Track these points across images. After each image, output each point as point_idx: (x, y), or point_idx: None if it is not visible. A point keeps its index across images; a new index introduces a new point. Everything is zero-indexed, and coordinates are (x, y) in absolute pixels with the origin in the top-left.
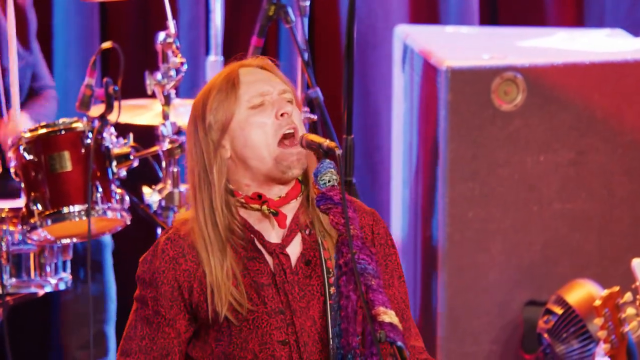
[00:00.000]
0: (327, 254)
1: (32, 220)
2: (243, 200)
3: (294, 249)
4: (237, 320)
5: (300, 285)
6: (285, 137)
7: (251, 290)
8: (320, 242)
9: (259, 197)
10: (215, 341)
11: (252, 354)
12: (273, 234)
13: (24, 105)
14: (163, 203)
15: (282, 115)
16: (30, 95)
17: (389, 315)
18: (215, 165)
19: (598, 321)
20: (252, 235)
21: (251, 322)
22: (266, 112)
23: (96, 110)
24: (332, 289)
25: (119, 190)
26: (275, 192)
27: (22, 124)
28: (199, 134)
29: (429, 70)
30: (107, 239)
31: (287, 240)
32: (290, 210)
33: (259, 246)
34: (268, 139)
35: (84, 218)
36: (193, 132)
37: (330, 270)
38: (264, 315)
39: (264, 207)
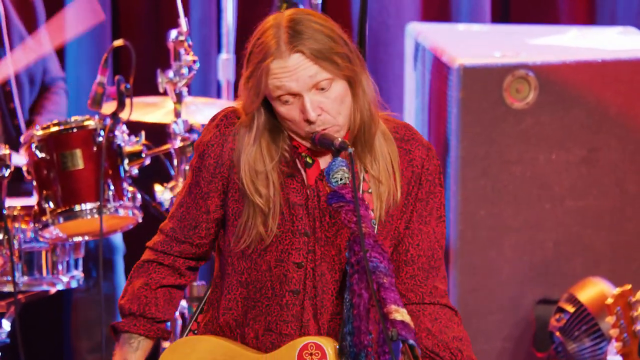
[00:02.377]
0: (367, 185)
1: (44, 218)
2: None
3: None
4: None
5: (332, 213)
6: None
7: (283, 205)
8: (362, 175)
9: (297, 147)
10: (235, 237)
11: (267, 265)
12: (321, 164)
13: (36, 104)
14: (175, 201)
15: (306, 120)
16: (42, 91)
17: (400, 314)
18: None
19: (610, 319)
20: (296, 157)
21: (275, 236)
22: (295, 111)
23: (108, 108)
24: (364, 226)
25: (130, 188)
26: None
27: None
28: (247, 87)
29: (441, 68)
30: (119, 242)
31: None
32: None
33: (301, 168)
34: (299, 132)
35: (96, 216)
36: (245, 76)
37: (367, 203)
38: (289, 233)
39: (303, 154)
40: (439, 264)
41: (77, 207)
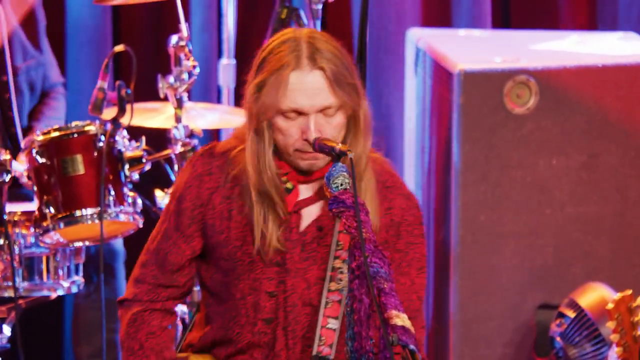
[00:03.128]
0: (342, 226)
1: (44, 224)
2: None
3: (312, 212)
4: (235, 256)
5: (305, 247)
6: (301, 151)
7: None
8: (356, 185)
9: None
10: (216, 267)
11: (241, 293)
12: (300, 191)
13: (34, 109)
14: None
15: (304, 139)
16: (41, 97)
17: (401, 319)
18: (266, 126)
19: (611, 324)
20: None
21: (246, 264)
22: (294, 128)
23: (109, 113)
24: (337, 262)
25: (131, 194)
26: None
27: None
28: (252, 98)
29: (442, 74)
30: (120, 247)
31: (306, 202)
32: (315, 183)
33: (277, 198)
34: (287, 147)
35: (97, 221)
36: (249, 81)
37: (341, 243)
38: (261, 262)
39: (284, 178)
40: (415, 314)
41: (78, 213)
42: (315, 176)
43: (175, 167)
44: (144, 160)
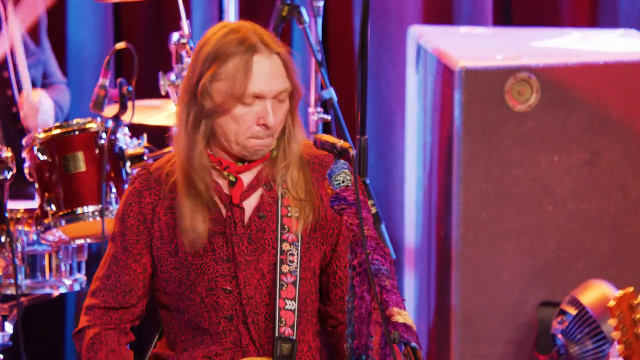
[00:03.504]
0: (285, 210)
1: (46, 221)
2: (207, 159)
3: (251, 203)
4: (186, 261)
5: (252, 238)
6: (255, 137)
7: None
8: (280, 197)
9: (220, 163)
10: (165, 281)
11: (199, 297)
12: (226, 184)
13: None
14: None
15: (261, 124)
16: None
17: (402, 316)
18: (202, 125)
19: (612, 322)
20: (213, 185)
21: (199, 267)
22: (250, 115)
23: (110, 110)
24: (285, 245)
25: None
26: (238, 158)
27: (38, 96)
28: (195, 84)
29: (443, 71)
30: None
31: (245, 195)
32: (253, 170)
33: (215, 197)
34: (239, 135)
35: (98, 218)
36: (190, 77)
37: (286, 226)
38: (212, 261)
39: (226, 172)
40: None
41: (79, 210)
42: (252, 165)
43: None
44: (145, 158)
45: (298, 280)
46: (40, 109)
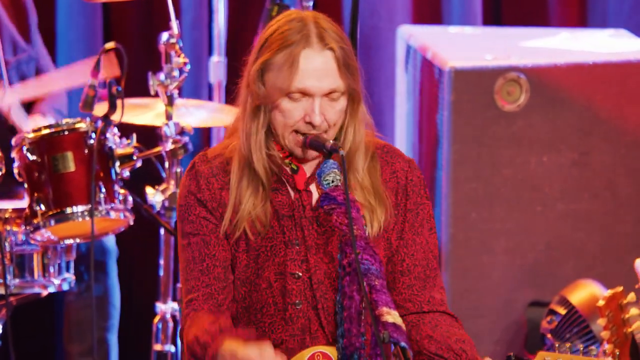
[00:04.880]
0: (352, 194)
1: (35, 221)
2: (273, 146)
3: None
4: (256, 244)
5: (320, 221)
6: (300, 133)
7: (273, 218)
8: (347, 182)
9: (284, 151)
10: (235, 265)
11: (266, 282)
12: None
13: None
14: (166, 203)
15: (307, 122)
16: None
17: (392, 316)
18: (261, 108)
19: (601, 321)
20: (278, 169)
21: (269, 249)
22: (297, 110)
23: (99, 110)
24: (356, 228)
25: (122, 191)
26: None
27: (11, 96)
28: (256, 77)
29: (432, 71)
30: (112, 245)
31: (310, 180)
32: (316, 160)
33: (284, 179)
34: (285, 129)
35: (87, 218)
36: (251, 70)
37: (358, 213)
38: (282, 244)
39: (287, 160)
40: (435, 273)
41: (69, 210)
42: (312, 157)
43: (166, 164)
44: (134, 158)
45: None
46: (11, 111)
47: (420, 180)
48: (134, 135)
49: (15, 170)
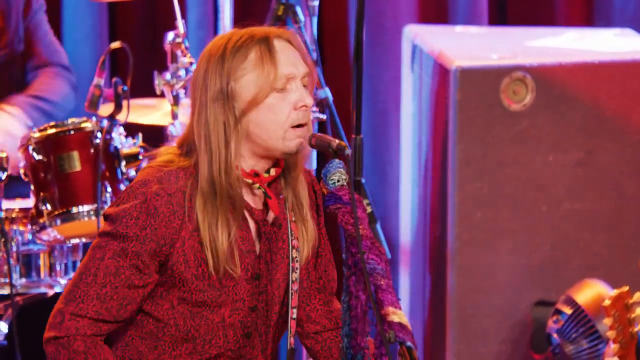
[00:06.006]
0: (291, 215)
1: (41, 220)
2: (239, 173)
3: (271, 214)
4: (219, 285)
5: (273, 250)
6: (295, 126)
7: (237, 257)
8: (286, 205)
9: (255, 175)
10: (179, 299)
11: (220, 317)
12: (255, 200)
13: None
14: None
15: (301, 107)
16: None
17: (398, 315)
18: (235, 133)
19: (607, 321)
20: (239, 202)
21: (231, 289)
22: (286, 100)
23: (105, 110)
24: (294, 252)
25: None
26: (264, 167)
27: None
28: (218, 94)
29: (438, 70)
30: None
31: (280, 206)
32: (274, 182)
33: (246, 213)
34: (280, 126)
35: (93, 218)
36: (208, 90)
37: (293, 232)
38: (244, 281)
39: (257, 185)
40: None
41: (75, 209)
42: (276, 174)
43: None
44: (140, 157)
45: (298, 287)
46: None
47: (319, 190)
48: (140, 135)
49: (21, 170)
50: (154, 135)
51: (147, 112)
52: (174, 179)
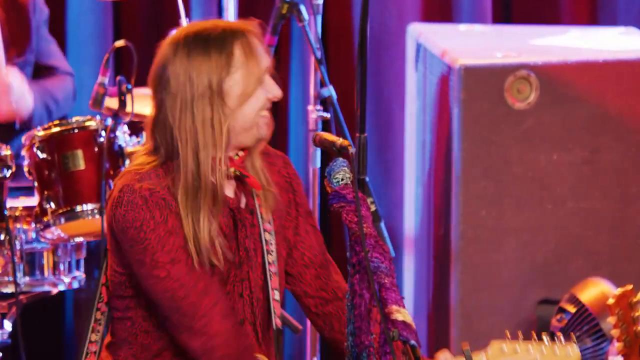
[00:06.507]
0: (259, 199)
1: (45, 219)
2: (225, 168)
3: (243, 201)
4: (208, 275)
5: (248, 234)
6: (266, 109)
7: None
8: (253, 191)
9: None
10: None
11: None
12: (228, 188)
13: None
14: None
15: (272, 97)
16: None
17: (402, 314)
18: (223, 129)
19: (611, 320)
20: (221, 195)
21: (220, 279)
22: (264, 92)
23: (109, 108)
24: (266, 235)
25: None
26: (234, 153)
27: (10, 75)
28: (205, 90)
29: (442, 69)
30: None
31: (239, 195)
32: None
33: (221, 202)
34: (257, 117)
35: (97, 216)
36: (197, 84)
37: (263, 215)
38: (227, 271)
39: (233, 169)
40: (329, 257)
41: (79, 208)
42: (245, 154)
43: None
44: None
45: (278, 268)
46: (11, 89)
47: (296, 172)
48: (144, 133)
49: (26, 169)
50: None
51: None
52: (155, 177)
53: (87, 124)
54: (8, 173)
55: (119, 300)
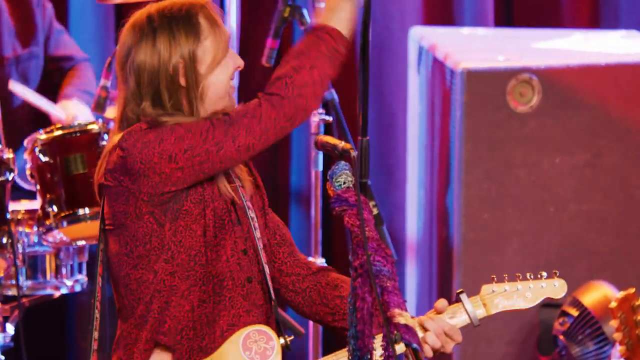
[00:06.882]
0: (237, 181)
1: (47, 222)
2: None
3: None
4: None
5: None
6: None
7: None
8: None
9: None
10: (185, 235)
11: (225, 256)
12: None
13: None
14: None
15: (238, 67)
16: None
17: (404, 317)
18: (197, 97)
19: (614, 323)
20: None
21: (220, 225)
22: (230, 60)
23: (111, 111)
24: (251, 212)
25: None
26: None
27: (72, 111)
28: (178, 61)
29: (444, 72)
30: None
31: None
32: None
33: None
34: (227, 84)
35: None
36: (169, 57)
37: (244, 195)
38: (229, 224)
39: None
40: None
41: (81, 211)
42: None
43: None
44: None
45: (262, 245)
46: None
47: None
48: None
49: (28, 172)
50: None
51: None
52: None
53: (89, 127)
54: (10, 176)
55: (132, 271)
